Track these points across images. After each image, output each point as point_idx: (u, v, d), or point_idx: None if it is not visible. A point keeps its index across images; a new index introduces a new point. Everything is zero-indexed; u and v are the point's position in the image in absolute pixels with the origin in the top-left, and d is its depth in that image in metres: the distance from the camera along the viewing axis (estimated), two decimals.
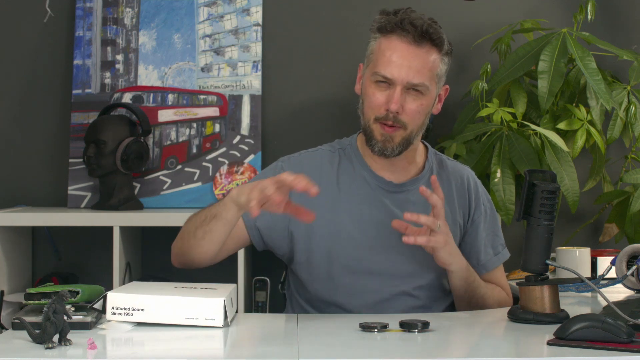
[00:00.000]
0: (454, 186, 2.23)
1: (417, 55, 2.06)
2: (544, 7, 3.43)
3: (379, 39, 2.10)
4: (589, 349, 1.62)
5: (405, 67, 2.05)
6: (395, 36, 2.06)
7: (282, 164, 2.20)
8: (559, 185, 1.93)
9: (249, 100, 3.33)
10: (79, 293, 1.91)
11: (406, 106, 2.07)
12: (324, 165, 2.19)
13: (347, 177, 2.18)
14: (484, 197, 2.28)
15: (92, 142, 3.14)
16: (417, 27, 2.05)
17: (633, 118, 3.08)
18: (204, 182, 3.29)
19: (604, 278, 2.20)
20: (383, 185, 2.18)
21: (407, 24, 2.05)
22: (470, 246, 2.23)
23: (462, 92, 3.29)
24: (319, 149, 2.24)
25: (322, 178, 2.16)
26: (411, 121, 2.09)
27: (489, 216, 2.27)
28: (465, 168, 2.30)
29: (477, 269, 2.21)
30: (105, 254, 3.05)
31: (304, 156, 2.22)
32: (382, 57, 2.07)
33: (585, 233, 3.40)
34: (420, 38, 2.06)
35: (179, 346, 1.73)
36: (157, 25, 3.37)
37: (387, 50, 2.07)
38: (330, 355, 1.68)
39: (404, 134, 2.09)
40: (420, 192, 2.03)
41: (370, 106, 2.10)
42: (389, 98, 2.06)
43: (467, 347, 1.80)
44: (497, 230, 2.29)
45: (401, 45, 2.06)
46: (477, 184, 2.28)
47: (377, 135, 2.10)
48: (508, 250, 2.33)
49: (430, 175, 2.19)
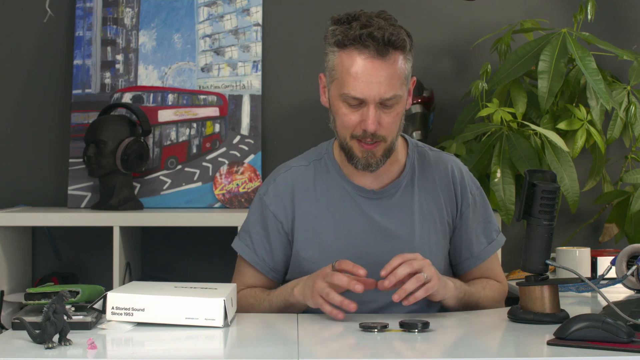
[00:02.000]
0: (437, 180, 2.16)
1: (382, 68, 1.96)
2: (544, 7, 3.43)
3: (337, 53, 2.00)
4: (589, 349, 1.62)
5: (375, 84, 1.96)
6: (356, 52, 1.96)
7: (265, 199, 2.16)
8: (559, 185, 1.93)
9: (249, 100, 3.33)
10: (79, 293, 1.91)
11: (382, 121, 1.99)
12: (298, 185, 2.15)
13: (326, 190, 2.14)
14: (472, 185, 2.20)
15: (92, 142, 3.14)
16: (378, 40, 1.94)
17: (633, 118, 3.08)
18: (204, 182, 3.29)
19: (604, 278, 2.20)
20: (363, 194, 2.13)
21: (367, 38, 1.94)
22: (462, 239, 2.18)
23: (462, 92, 3.29)
24: (292, 167, 2.18)
25: (298, 199, 2.14)
26: (389, 133, 2.02)
27: (479, 204, 2.19)
28: (449, 157, 2.22)
29: (471, 261, 2.18)
30: (105, 254, 3.06)
31: (279, 181, 2.17)
32: (347, 77, 1.98)
33: (585, 233, 3.40)
34: (383, 50, 1.95)
35: (179, 346, 1.73)
36: (157, 25, 3.37)
37: (351, 68, 1.97)
38: (330, 355, 1.68)
39: (385, 145, 2.03)
40: (382, 289, 1.94)
41: (344, 126, 2.03)
42: (363, 117, 1.99)
43: (467, 347, 1.80)
44: (489, 216, 2.21)
45: (365, 62, 1.95)
46: (462, 172, 2.19)
47: (358, 153, 2.04)
48: (508, 250, 2.30)
49: (412, 174, 2.15)
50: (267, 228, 2.15)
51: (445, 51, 3.41)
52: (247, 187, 3.28)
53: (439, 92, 3.28)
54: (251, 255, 2.16)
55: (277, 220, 2.14)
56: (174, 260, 3.37)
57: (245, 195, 3.27)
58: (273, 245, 2.15)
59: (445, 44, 3.41)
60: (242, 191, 3.28)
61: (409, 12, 3.36)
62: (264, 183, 2.22)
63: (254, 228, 2.17)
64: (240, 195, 3.27)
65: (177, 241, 3.36)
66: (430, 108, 3.19)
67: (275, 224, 2.14)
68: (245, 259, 2.17)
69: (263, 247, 2.15)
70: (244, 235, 2.18)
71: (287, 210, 2.14)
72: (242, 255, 2.18)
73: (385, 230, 2.11)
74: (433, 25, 3.40)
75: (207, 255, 3.35)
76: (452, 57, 3.42)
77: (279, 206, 2.14)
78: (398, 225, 2.12)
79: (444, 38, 3.41)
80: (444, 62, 3.42)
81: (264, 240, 2.15)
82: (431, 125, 3.22)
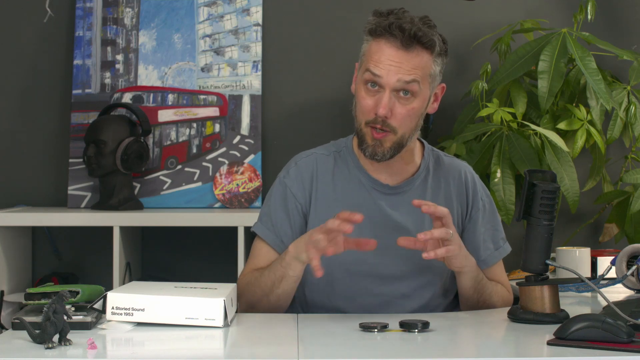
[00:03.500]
0: (451, 183, 2.23)
1: (405, 59, 2.05)
2: (544, 7, 3.43)
3: (370, 41, 2.10)
4: (589, 349, 1.62)
5: (394, 68, 2.04)
6: (384, 40, 2.06)
7: (286, 180, 2.21)
8: (559, 185, 1.93)
9: (249, 100, 3.33)
10: (79, 293, 1.91)
11: (395, 110, 2.06)
12: (319, 170, 2.20)
13: (343, 180, 2.19)
14: (482, 192, 2.26)
15: (92, 142, 3.14)
16: (405, 32, 2.03)
17: (633, 118, 3.08)
18: (204, 182, 3.29)
19: (604, 278, 2.20)
20: (378, 187, 2.18)
21: (395, 28, 2.04)
22: (469, 243, 2.21)
23: (462, 92, 3.29)
24: (313, 153, 2.24)
25: (317, 183, 2.18)
26: (401, 125, 2.08)
27: (488, 211, 2.25)
28: (462, 163, 2.29)
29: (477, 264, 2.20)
30: (105, 254, 3.06)
31: (301, 164, 2.22)
32: (371, 59, 2.07)
33: (585, 233, 3.40)
34: (409, 42, 2.04)
35: (179, 346, 1.73)
36: (157, 25, 3.37)
37: (376, 54, 2.06)
38: (330, 355, 1.68)
39: (395, 138, 2.09)
40: (415, 205, 2.01)
41: (361, 110, 2.10)
42: (377, 102, 2.06)
43: (467, 347, 1.80)
44: (497, 225, 2.27)
45: (389, 50, 2.05)
46: (474, 179, 2.27)
47: (368, 140, 2.10)
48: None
49: (426, 175, 2.20)
50: (287, 210, 2.18)
51: None
52: (247, 187, 3.28)
53: None
54: (272, 237, 2.17)
55: (297, 201, 2.18)
56: (174, 260, 3.37)
57: (245, 195, 3.27)
58: (293, 227, 2.17)
59: None
60: (242, 191, 3.28)
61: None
62: (284, 168, 2.25)
63: (275, 211, 2.18)
64: (240, 195, 3.27)
65: (177, 241, 3.36)
66: None
67: (296, 205, 2.17)
68: (265, 241, 2.18)
69: (283, 229, 2.17)
70: (265, 219, 2.19)
71: (306, 192, 2.18)
72: (263, 238, 2.18)
73: (395, 224, 2.15)
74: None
75: (207, 255, 3.35)
76: (452, 57, 3.40)
77: (299, 188, 2.18)
78: (408, 220, 2.16)
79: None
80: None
81: (285, 223, 2.17)
82: (431, 125, 3.22)
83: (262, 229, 2.19)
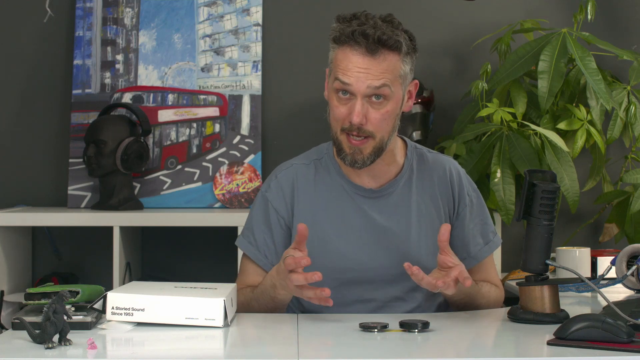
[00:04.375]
0: (436, 181, 2.20)
1: (373, 64, 2.02)
2: (544, 7, 3.43)
3: (336, 49, 2.07)
4: (589, 349, 1.62)
5: (363, 75, 2.02)
6: (349, 48, 2.03)
7: (267, 194, 2.20)
8: (559, 185, 1.93)
9: (249, 100, 3.33)
10: (79, 293, 1.91)
11: (369, 116, 2.04)
12: (299, 182, 2.19)
13: (325, 188, 2.18)
14: (469, 187, 2.23)
15: (92, 142, 3.14)
16: (369, 37, 2.01)
17: (633, 118, 3.08)
18: (204, 182, 3.29)
19: (604, 278, 2.20)
20: (361, 192, 2.16)
21: (359, 35, 2.01)
22: (459, 239, 2.19)
23: (462, 92, 3.29)
24: (293, 165, 2.22)
25: (299, 194, 2.17)
26: (378, 130, 2.06)
27: (476, 205, 2.22)
28: (447, 159, 2.26)
29: (467, 261, 2.17)
30: (105, 254, 3.06)
31: (280, 177, 2.21)
32: (339, 67, 2.05)
33: (585, 233, 3.40)
34: (374, 47, 2.02)
35: (179, 346, 1.73)
36: (157, 25, 3.37)
37: (343, 62, 2.04)
38: (330, 355, 1.68)
39: (374, 143, 2.07)
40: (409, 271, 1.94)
41: (335, 118, 2.09)
42: (350, 110, 2.04)
43: (467, 347, 1.80)
44: (486, 218, 2.24)
45: (356, 57, 2.02)
46: (460, 174, 2.23)
47: (346, 148, 2.08)
48: (508, 250, 2.31)
49: (410, 174, 2.18)
50: (269, 224, 2.17)
51: (445, 51, 3.41)
52: (247, 187, 3.28)
53: (439, 92, 3.28)
54: (254, 252, 2.17)
55: (279, 215, 2.17)
56: (174, 260, 3.37)
57: (245, 195, 3.27)
58: (276, 242, 2.17)
59: (445, 44, 3.41)
60: (242, 191, 3.28)
61: (409, 12, 3.36)
62: (265, 181, 2.25)
63: (257, 225, 2.19)
64: (240, 195, 3.27)
65: (177, 241, 3.36)
66: (430, 108, 3.19)
67: (278, 219, 2.17)
68: (249, 257, 2.19)
69: (266, 244, 2.17)
70: (247, 233, 2.20)
71: (287, 205, 2.17)
72: (245, 253, 2.19)
73: (382, 228, 2.14)
74: (433, 25, 3.40)
75: (207, 255, 3.35)
76: (452, 57, 3.42)
77: (280, 202, 2.17)
78: (395, 224, 2.14)
79: (444, 38, 3.41)
80: (444, 62, 3.42)
81: (267, 238, 2.17)
82: (431, 125, 3.22)
83: (244, 243, 2.20)
